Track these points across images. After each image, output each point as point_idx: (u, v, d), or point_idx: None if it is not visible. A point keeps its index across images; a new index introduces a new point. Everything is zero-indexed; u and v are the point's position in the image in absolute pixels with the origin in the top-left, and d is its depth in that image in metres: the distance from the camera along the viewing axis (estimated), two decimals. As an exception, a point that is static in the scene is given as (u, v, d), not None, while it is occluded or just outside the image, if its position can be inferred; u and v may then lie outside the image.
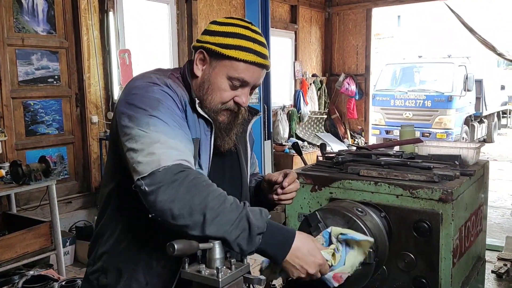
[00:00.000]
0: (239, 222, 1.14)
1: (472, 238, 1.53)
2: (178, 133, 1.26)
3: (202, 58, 1.40)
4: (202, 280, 1.05)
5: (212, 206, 1.13)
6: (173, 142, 1.22)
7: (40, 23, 4.72)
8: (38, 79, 4.71)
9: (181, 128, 1.29)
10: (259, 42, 1.39)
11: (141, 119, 1.24)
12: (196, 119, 1.40)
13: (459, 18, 7.35)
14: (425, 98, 10.59)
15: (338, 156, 1.60)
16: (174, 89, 1.35)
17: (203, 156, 1.39)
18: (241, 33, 1.37)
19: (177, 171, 1.16)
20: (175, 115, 1.30)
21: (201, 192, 1.15)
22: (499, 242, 4.79)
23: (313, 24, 9.75)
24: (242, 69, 1.36)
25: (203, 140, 1.40)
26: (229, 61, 1.35)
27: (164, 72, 1.44)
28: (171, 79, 1.39)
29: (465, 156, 1.61)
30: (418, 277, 1.33)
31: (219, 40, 1.37)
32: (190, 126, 1.37)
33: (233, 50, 1.35)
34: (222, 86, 1.38)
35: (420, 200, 1.32)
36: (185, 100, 1.37)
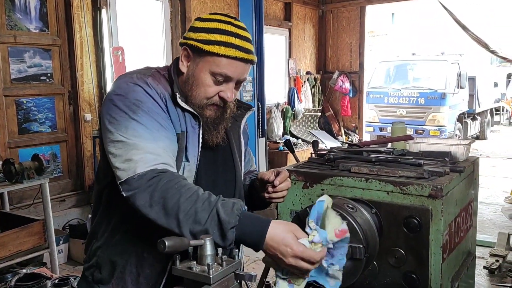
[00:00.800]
0: (211, 221, 1.17)
1: (462, 234, 1.54)
2: (157, 135, 1.29)
3: (186, 55, 1.43)
4: (193, 276, 1.06)
5: (184, 209, 1.18)
6: (150, 147, 1.26)
7: (32, 21, 4.69)
8: (30, 77, 4.69)
9: (161, 129, 1.32)
10: (241, 36, 1.40)
11: (121, 123, 1.29)
12: (181, 113, 1.41)
13: (452, 15, 7.39)
14: (418, 95, 10.63)
15: (329, 153, 1.61)
16: (154, 87, 1.37)
17: (190, 149, 1.41)
18: (223, 28, 1.38)
19: (151, 177, 1.21)
20: (156, 115, 1.33)
21: (173, 196, 1.20)
22: (492, 238, 4.83)
23: (307, 21, 9.75)
24: (225, 64, 1.37)
25: (191, 133, 1.42)
26: (211, 57, 1.37)
27: (148, 70, 1.46)
28: (152, 77, 1.41)
29: (455, 152, 1.63)
30: (408, 273, 1.34)
31: (201, 36, 1.38)
32: (174, 121, 1.39)
33: (214, 46, 1.36)
34: (206, 81, 1.40)
35: (410, 196, 1.34)
36: (166, 97, 1.39)
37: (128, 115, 1.30)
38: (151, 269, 1.42)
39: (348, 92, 9.90)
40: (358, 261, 1.22)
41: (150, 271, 1.42)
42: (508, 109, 17.38)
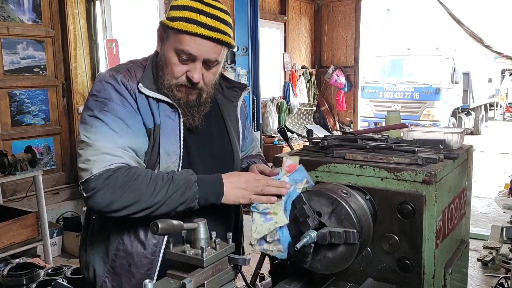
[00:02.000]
0: (174, 187, 1.27)
1: (455, 221, 1.55)
2: (119, 135, 1.32)
3: (160, 35, 1.43)
4: (187, 260, 1.05)
5: (148, 193, 1.26)
6: (108, 147, 1.29)
7: (25, 12, 4.66)
8: (23, 69, 4.65)
9: (124, 128, 1.33)
10: (208, 14, 1.35)
11: (87, 122, 1.33)
12: (155, 105, 1.40)
13: (447, 10, 7.39)
14: (413, 90, 10.67)
15: (324, 141, 1.61)
16: (125, 84, 1.37)
17: (167, 140, 1.40)
18: (188, 5, 1.35)
19: (107, 176, 1.25)
20: (122, 113, 1.34)
21: (132, 187, 1.25)
22: (485, 231, 4.87)
23: (302, 15, 9.74)
24: (187, 41, 1.34)
25: (167, 124, 1.41)
26: (175, 33, 1.35)
27: (124, 65, 1.47)
28: (125, 73, 1.41)
29: (449, 140, 1.62)
30: (402, 258, 1.34)
31: (170, 13, 1.37)
32: (145, 117, 1.38)
33: (177, 22, 1.34)
34: (172, 60, 1.38)
35: (404, 182, 1.33)
36: (136, 92, 1.38)
37: (94, 114, 1.33)
38: (140, 257, 1.42)
39: (343, 87, 9.91)
40: (352, 246, 1.22)
41: (140, 259, 1.42)
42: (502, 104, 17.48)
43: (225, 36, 1.39)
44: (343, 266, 1.26)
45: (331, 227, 1.25)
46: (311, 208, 1.27)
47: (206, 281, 1.04)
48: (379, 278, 1.38)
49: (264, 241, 1.32)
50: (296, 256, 1.30)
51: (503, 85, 16.58)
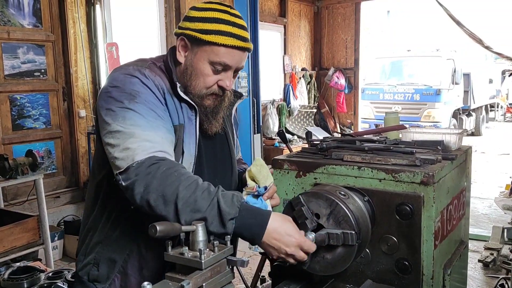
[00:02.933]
0: (211, 210, 1.17)
1: (454, 222, 1.55)
2: (154, 125, 1.30)
3: (183, 45, 1.43)
4: (185, 262, 1.06)
5: (183, 196, 1.18)
6: (147, 135, 1.26)
7: (26, 17, 4.67)
8: (24, 73, 4.67)
9: (158, 118, 1.32)
10: (238, 25, 1.40)
11: (118, 113, 1.29)
12: (179, 105, 1.42)
13: (446, 11, 7.40)
14: (413, 91, 10.68)
15: (322, 143, 1.61)
16: (152, 78, 1.38)
17: (188, 141, 1.42)
18: (220, 17, 1.38)
19: (150, 164, 1.21)
20: (153, 105, 1.33)
21: (173, 183, 1.19)
22: (486, 232, 4.86)
23: (302, 18, 9.76)
24: (223, 53, 1.37)
25: (187, 124, 1.43)
26: (210, 46, 1.37)
27: (144, 62, 1.46)
28: (150, 69, 1.41)
29: (448, 141, 1.63)
30: (401, 260, 1.35)
31: (199, 26, 1.38)
32: (171, 113, 1.39)
33: (212, 35, 1.36)
34: (204, 71, 1.40)
35: (402, 183, 1.34)
36: (164, 88, 1.39)
37: (125, 106, 1.30)
38: (155, 260, 1.42)
39: (344, 89, 9.92)
40: (351, 247, 1.23)
41: (154, 262, 1.43)
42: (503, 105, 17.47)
43: (251, 43, 1.45)
44: (341, 267, 1.27)
45: (330, 228, 1.25)
46: (309, 209, 1.28)
47: (205, 283, 1.04)
48: (378, 280, 1.39)
49: None
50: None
51: (504, 86, 16.57)
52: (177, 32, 1.44)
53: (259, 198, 1.36)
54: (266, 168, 1.43)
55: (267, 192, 1.40)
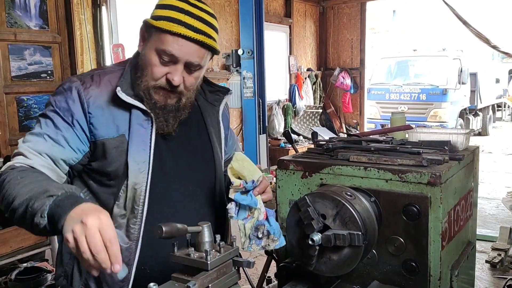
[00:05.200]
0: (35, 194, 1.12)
1: (461, 223, 1.54)
2: (42, 140, 1.31)
3: (142, 34, 1.39)
4: (191, 263, 1.06)
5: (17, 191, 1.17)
6: (26, 148, 1.30)
7: (32, 18, 4.69)
8: (31, 74, 4.69)
9: (53, 135, 1.32)
10: (193, 15, 1.31)
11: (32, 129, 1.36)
12: (125, 113, 1.36)
13: (453, 10, 7.37)
14: (420, 91, 10.63)
15: (328, 143, 1.61)
16: (80, 92, 1.34)
17: (135, 150, 1.35)
18: (174, 4, 1.31)
19: (5, 173, 1.24)
20: (58, 121, 1.33)
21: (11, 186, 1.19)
22: (494, 232, 4.83)
23: (307, 18, 9.74)
24: (169, 41, 1.29)
25: (137, 132, 1.36)
26: (158, 33, 1.30)
27: (92, 70, 1.45)
28: (86, 80, 1.37)
29: (455, 141, 1.62)
30: (408, 261, 1.34)
31: (155, 12, 1.34)
32: (103, 126, 1.34)
33: (161, 21, 1.29)
34: (152, 60, 1.33)
35: (409, 184, 1.33)
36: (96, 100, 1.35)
37: (39, 114, 1.38)
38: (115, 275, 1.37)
39: (349, 89, 9.89)
40: (357, 248, 1.22)
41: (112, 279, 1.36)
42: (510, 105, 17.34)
43: (210, 39, 1.34)
44: (348, 268, 1.26)
45: (336, 229, 1.25)
46: (315, 210, 1.27)
47: (211, 284, 1.04)
48: (385, 281, 1.38)
49: (257, 239, 1.33)
50: (301, 258, 1.30)
51: (511, 86, 16.46)
52: None
53: (248, 194, 1.33)
54: (250, 161, 1.37)
55: (257, 187, 1.36)
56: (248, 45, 6.84)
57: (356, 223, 1.23)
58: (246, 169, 1.34)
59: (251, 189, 1.34)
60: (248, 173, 1.34)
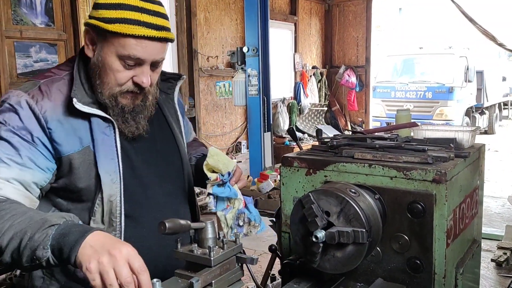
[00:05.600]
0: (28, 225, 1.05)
1: (467, 221, 1.53)
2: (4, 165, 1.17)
3: (90, 37, 1.26)
4: (195, 259, 1.06)
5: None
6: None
7: (38, 16, 4.72)
8: (36, 72, 4.71)
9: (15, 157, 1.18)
10: (149, 11, 1.22)
11: None
12: (84, 123, 1.27)
13: (459, 8, 7.32)
14: (426, 89, 10.58)
15: (333, 140, 1.60)
16: (32, 107, 1.22)
17: (103, 160, 1.28)
18: (126, 2, 1.20)
19: None
20: (16, 141, 1.20)
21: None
22: (499, 231, 4.80)
23: (313, 15, 9.72)
24: (132, 45, 1.20)
25: (102, 141, 1.28)
26: (116, 38, 1.20)
27: (35, 82, 1.29)
28: (35, 93, 1.24)
29: (461, 139, 1.60)
30: (412, 258, 1.33)
31: (103, 14, 1.20)
32: (64, 141, 1.23)
33: (117, 24, 1.18)
34: (114, 66, 1.23)
35: (414, 181, 1.32)
36: (52, 114, 1.23)
37: None
38: None
39: (355, 87, 9.87)
40: (361, 245, 1.21)
41: None
42: (516, 103, 17.22)
43: (170, 32, 1.28)
44: (352, 265, 1.25)
45: (340, 226, 1.24)
46: (319, 207, 1.26)
47: (214, 280, 1.04)
48: (389, 278, 1.37)
49: (238, 227, 1.36)
50: (305, 256, 1.30)
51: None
52: (84, 22, 1.27)
53: (225, 185, 1.35)
54: (223, 154, 1.39)
55: (233, 177, 1.37)
56: (253, 42, 6.84)
57: (360, 220, 1.22)
58: (221, 163, 1.36)
59: (227, 180, 1.36)
60: (223, 166, 1.37)
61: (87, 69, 1.30)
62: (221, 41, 7.42)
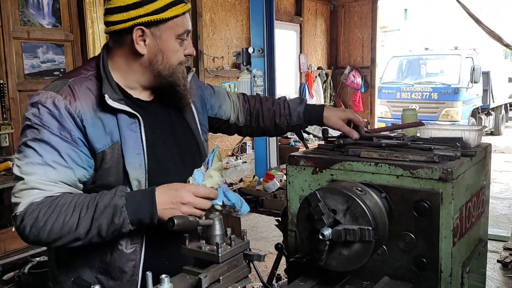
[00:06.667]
0: (100, 216, 1.19)
1: (473, 220, 1.53)
2: (49, 168, 1.24)
3: (140, 35, 1.34)
4: (203, 256, 1.07)
5: (70, 227, 1.19)
6: (37, 181, 1.22)
7: (45, 16, 4.75)
8: (44, 72, 4.75)
9: (58, 159, 1.25)
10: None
11: (20, 151, 1.26)
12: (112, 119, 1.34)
13: (465, 8, 7.30)
14: (431, 90, 10.54)
15: (339, 139, 1.61)
16: (67, 107, 1.28)
17: (130, 155, 1.35)
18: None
19: (31, 211, 1.20)
20: (57, 143, 1.26)
21: (55, 221, 1.19)
22: (505, 232, 4.79)
23: (318, 16, 9.72)
24: (183, 21, 1.38)
25: (127, 137, 1.35)
26: (172, 21, 1.35)
27: (67, 78, 1.35)
28: (66, 93, 1.30)
29: (467, 138, 1.61)
30: (418, 257, 1.33)
31: (150, 7, 1.31)
32: (96, 138, 1.30)
33: (170, 10, 1.33)
34: (175, 48, 1.39)
35: (420, 180, 1.32)
36: (85, 111, 1.30)
37: (27, 143, 1.25)
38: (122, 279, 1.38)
39: (360, 88, 9.86)
40: (367, 243, 1.22)
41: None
42: (523, 104, 17.11)
43: None
44: (358, 263, 1.26)
45: (346, 224, 1.25)
46: (326, 205, 1.27)
47: (222, 277, 1.05)
48: (395, 277, 1.37)
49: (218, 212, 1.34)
50: (311, 253, 1.30)
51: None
52: (122, 27, 1.34)
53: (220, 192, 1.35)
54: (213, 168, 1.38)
55: None
56: (259, 43, 6.85)
57: (366, 218, 1.23)
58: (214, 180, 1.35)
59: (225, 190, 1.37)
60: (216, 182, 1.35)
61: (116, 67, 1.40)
62: (226, 42, 7.43)
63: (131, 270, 1.36)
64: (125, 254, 1.34)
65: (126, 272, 1.36)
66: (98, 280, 1.37)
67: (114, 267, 1.36)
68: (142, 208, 1.20)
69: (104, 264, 1.37)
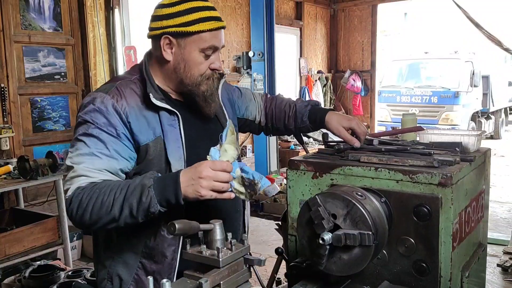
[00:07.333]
0: (130, 195, 1.29)
1: (472, 224, 1.53)
2: (95, 157, 1.39)
3: (168, 43, 1.48)
4: (203, 260, 1.07)
5: (107, 207, 1.30)
6: (85, 169, 1.37)
7: (46, 20, 4.76)
8: (45, 76, 4.76)
9: (104, 150, 1.40)
10: (211, 8, 1.49)
11: (73, 145, 1.43)
12: (155, 116, 1.47)
13: (464, 13, 7.32)
14: (431, 94, 10.56)
15: (339, 144, 1.62)
16: (114, 105, 1.43)
17: (172, 149, 1.48)
18: (194, 6, 1.45)
19: (77, 195, 1.34)
20: (104, 136, 1.40)
21: (94, 203, 1.31)
22: (505, 236, 4.78)
23: (318, 20, 9.74)
24: (210, 37, 1.46)
25: (169, 132, 1.48)
26: (197, 35, 1.45)
27: (111, 85, 1.51)
28: (114, 93, 1.46)
29: (466, 143, 1.61)
30: (418, 261, 1.34)
31: (179, 20, 1.44)
32: (140, 132, 1.45)
33: (196, 25, 1.44)
34: (198, 60, 1.48)
35: (420, 184, 1.33)
36: (130, 108, 1.44)
37: (79, 137, 1.41)
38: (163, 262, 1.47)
39: (360, 91, 9.87)
40: (367, 248, 1.22)
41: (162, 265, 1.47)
42: (523, 108, 17.11)
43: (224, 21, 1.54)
44: (358, 268, 1.26)
45: (346, 229, 1.25)
46: (326, 210, 1.28)
47: (222, 281, 1.05)
48: (395, 281, 1.38)
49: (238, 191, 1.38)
50: (311, 258, 1.31)
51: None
52: (154, 33, 1.49)
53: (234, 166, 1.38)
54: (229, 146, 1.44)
55: None
56: (259, 47, 6.87)
57: (366, 223, 1.23)
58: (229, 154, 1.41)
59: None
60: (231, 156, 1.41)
61: (156, 71, 1.54)
62: (227, 45, 7.46)
63: (171, 255, 1.46)
64: (166, 239, 1.44)
65: (167, 256, 1.46)
66: (142, 264, 1.48)
67: (157, 252, 1.46)
68: (168, 188, 1.28)
69: (148, 248, 1.47)
